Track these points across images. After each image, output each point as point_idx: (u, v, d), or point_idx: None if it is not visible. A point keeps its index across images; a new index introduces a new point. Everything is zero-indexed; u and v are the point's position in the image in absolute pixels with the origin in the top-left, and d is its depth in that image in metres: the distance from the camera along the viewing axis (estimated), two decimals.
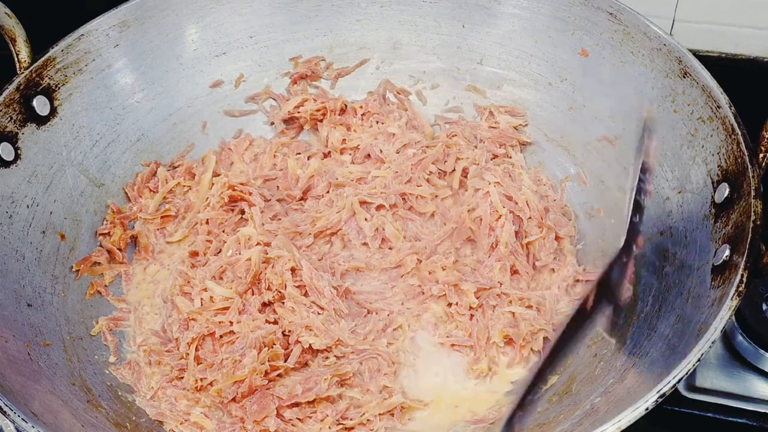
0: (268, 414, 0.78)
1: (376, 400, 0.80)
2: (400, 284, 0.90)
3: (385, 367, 0.82)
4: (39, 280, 0.85)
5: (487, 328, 0.85)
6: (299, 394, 0.78)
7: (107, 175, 0.96)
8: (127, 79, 0.98)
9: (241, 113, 1.06)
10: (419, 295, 0.89)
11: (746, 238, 0.67)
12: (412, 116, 1.03)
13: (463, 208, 0.93)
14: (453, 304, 0.87)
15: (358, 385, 0.82)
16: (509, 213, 0.91)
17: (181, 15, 1.01)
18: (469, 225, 0.91)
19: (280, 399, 0.79)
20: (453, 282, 0.87)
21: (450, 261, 0.89)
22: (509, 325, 0.85)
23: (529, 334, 0.84)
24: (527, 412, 0.62)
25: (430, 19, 1.04)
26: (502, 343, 0.85)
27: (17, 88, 0.86)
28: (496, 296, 0.87)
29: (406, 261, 0.90)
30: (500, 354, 0.85)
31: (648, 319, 0.78)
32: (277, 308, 0.84)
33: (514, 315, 0.86)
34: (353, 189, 0.95)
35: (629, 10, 0.90)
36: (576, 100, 0.97)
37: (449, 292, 0.87)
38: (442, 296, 0.88)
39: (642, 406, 0.59)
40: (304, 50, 1.07)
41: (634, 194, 0.70)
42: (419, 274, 0.89)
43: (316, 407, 0.80)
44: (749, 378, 0.86)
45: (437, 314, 0.88)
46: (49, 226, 0.88)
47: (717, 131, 0.78)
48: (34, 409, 0.67)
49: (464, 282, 0.87)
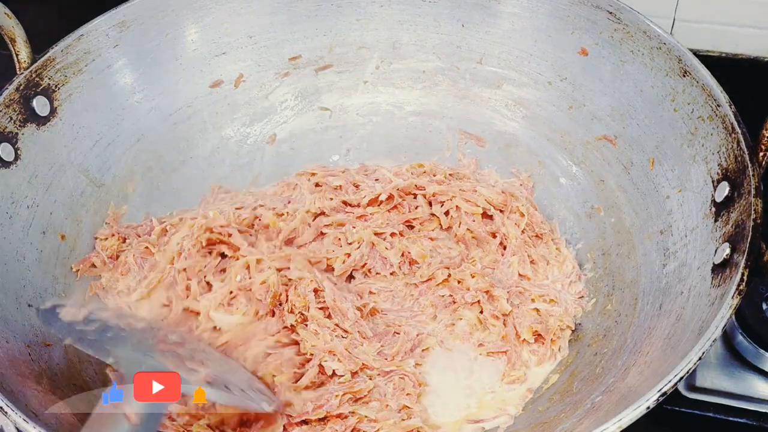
0: (274, 429, 0.76)
1: (393, 418, 0.78)
2: (430, 296, 0.89)
3: (410, 387, 0.80)
4: (39, 281, 0.85)
5: (515, 327, 0.85)
6: (309, 411, 0.77)
7: (107, 175, 0.96)
8: (127, 80, 0.98)
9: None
10: (451, 305, 0.88)
11: (746, 237, 0.67)
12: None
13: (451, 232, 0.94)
14: (485, 311, 0.86)
15: (377, 400, 0.80)
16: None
17: (181, 15, 1.01)
18: (469, 239, 0.93)
19: (290, 417, 0.77)
20: (484, 288, 0.87)
21: (478, 268, 0.89)
22: (536, 321, 0.85)
23: (558, 330, 0.84)
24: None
25: (430, 18, 1.04)
26: (532, 339, 0.84)
27: (17, 89, 0.86)
28: (518, 294, 0.87)
29: (437, 275, 0.89)
30: (531, 354, 0.84)
31: (648, 318, 0.78)
32: (300, 330, 0.82)
33: (538, 311, 0.86)
34: (361, 223, 0.94)
35: (629, 9, 0.90)
36: (576, 100, 0.97)
37: (482, 299, 0.86)
38: (475, 303, 0.87)
39: (643, 405, 0.59)
40: (304, 50, 1.07)
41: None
42: (449, 285, 0.89)
43: (326, 425, 0.78)
44: (749, 378, 0.86)
45: (471, 322, 0.87)
46: (50, 226, 0.88)
47: (717, 130, 0.78)
48: (34, 409, 0.67)
49: (495, 288, 0.87)
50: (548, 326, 0.85)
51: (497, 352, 0.85)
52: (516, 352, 0.84)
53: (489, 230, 0.94)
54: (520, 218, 0.94)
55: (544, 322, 0.85)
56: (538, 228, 0.94)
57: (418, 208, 0.96)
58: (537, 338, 0.85)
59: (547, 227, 0.95)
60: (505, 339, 0.85)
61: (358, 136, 1.09)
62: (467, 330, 0.87)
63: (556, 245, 0.94)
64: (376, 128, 1.09)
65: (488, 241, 0.93)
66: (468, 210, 0.94)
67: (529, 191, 0.99)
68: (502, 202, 0.95)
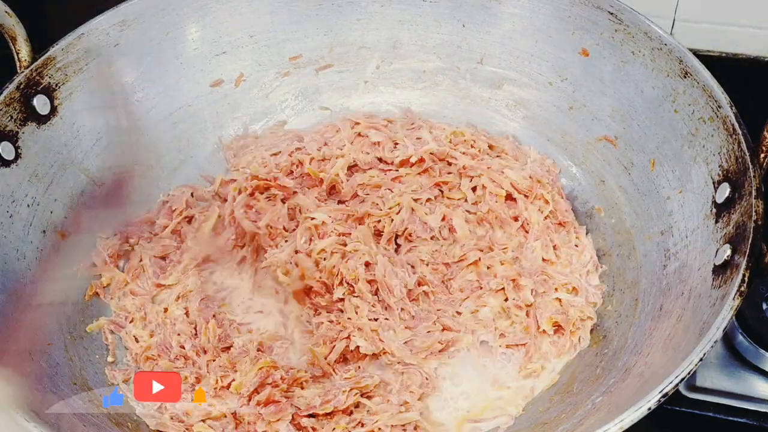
0: (283, 417, 0.76)
1: (391, 410, 0.78)
2: (458, 280, 0.88)
3: (416, 386, 0.80)
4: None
5: (536, 318, 0.84)
6: (317, 405, 0.77)
7: (108, 175, 0.96)
8: (128, 78, 0.98)
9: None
10: (477, 290, 0.87)
11: (747, 238, 0.67)
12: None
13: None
14: (509, 299, 0.86)
15: (380, 395, 0.80)
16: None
17: (181, 14, 1.00)
18: (492, 219, 0.93)
19: (298, 408, 0.77)
20: (512, 277, 0.86)
21: (509, 256, 0.89)
22: (557, 312, 0.84)
23: (578, 321, 0.84)
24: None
25: (431, 18, 1.04)
26: (552, 331, 0.83)
27: (18, 87, 0.86)
28: (542, 282, 0.87)
29: (470, 255, 0.89)
30: (551, 346, 0.83)
31: (649, 319, 0.78)
32: (345, 303, 0.84)
33: (560, 302, 0.85)
34: (397, 186, 0.95)
35: (630, 10, 0.90)
36: (576, 100, 0.98)
37: (507, 287, 0.86)
38: (500, 290, 0.87)
39: (644, 405, 0.59)
40: (305, 49, 1.07)
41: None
42: (477, 270, 0.88)
43: (332, 418, 0.78)
44: (750, 378, 0.86)
45: (495, 309, 0.86)
46: (50, 225, 0.88)
47: (718, 131, 0.78)
48: (34, 409, 0.67)
49: (523, 277, 0.86)
50: (569, 317, 0.83)
51: (517, 345, 0.84)
52: (535, 344, 0.83)
53: (511, 214, 0.93)
54: (544, 205, 0.93)
55: (565, 313, 0.84)
56: (561, 216, 0.93)
57: (450, 174, 0.96)
58: (557, 329, 0.84)
59: (571, 216, 0.94)
60: (527, 330, 0.84)
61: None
62: (490, 317, 0.86)
63: (576, 234, 0.92)
64: None
65: (510, 224, 0.92)
66: (492, 190, 0.94)
67: (555, 177, 0.97)
68: (527, 188, 0.94)
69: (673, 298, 0.75)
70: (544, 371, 0.82)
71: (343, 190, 0.96)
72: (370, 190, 0.96)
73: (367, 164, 0.98)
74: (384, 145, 1.00)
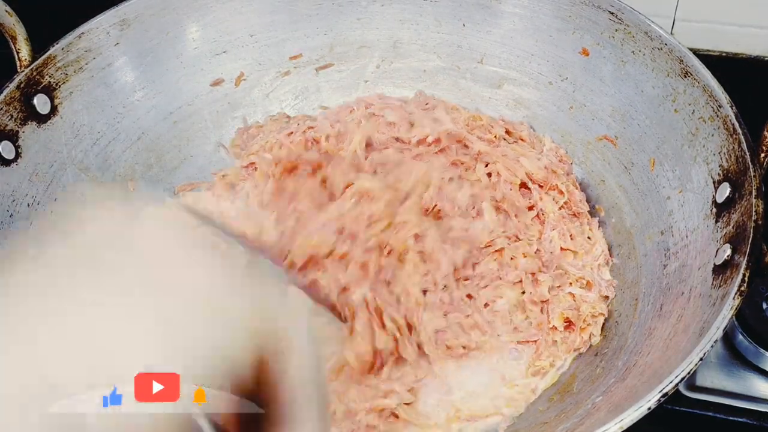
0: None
1: (372, 393, 0.76)
2: (481, 266, 0.87)
3: (410, 379, 0.78)
4: None
5: (548, 314, 0.83)
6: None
7: (108, 174, 0.96)
8: (128, 78, 0.98)
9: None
10: (496, 279, 0.86)
11: (748, 238, 0.67)
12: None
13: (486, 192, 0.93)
14: (526, 293, 0.84)
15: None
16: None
17: (182, 13, 1.00)
18: (507, 207, 0.91)
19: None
20: (532, 270, 0.85)
21: (532, 249, 0.87)
22: (569, 307, 0.83)
23: (590, 317, 0.83)
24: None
25: (431, 18, 1.04)
26: (562, 327, 0.82)
27: (18, 87, 0.86)
28: (559, 276, 0.85)
29: (497, 242, 0.88)
30: (561, 342, 0.82)
31: (649, 319, 0.78)
32: (396, 271, 0.81)
33: (573, 297, 0.84)
34: (420, 165, 0.92)
35: (630, 10, 0.90)
36: (577, 100, 0.98)
37: (526, 280, 0.85)
38: (517, 282, 0.85)
39: (644, 405, 0.59)
40: (305, 49, 1.07)
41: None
42: (500, 259, 0.87)
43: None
44: (750, 377, 0.86)
45: (512, 302, 0.85)
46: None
47: (718, 131, 0.78)
48: None
49: (542, 273, 0.85)
50: (580, 313, 0.82)
51: (529, 341, 0.82)
52: (546, 341, 0.82)
53: (526, 203, 0.92)
54: (559, 195, 0.92)
55: (577, 308, 0.83)
56: (575, 207, 0.92)
57: (467, 156, 0.96)
58: (567, 325, 0.83)
59: (586, 207, 0.93)
60: (540, 326, 0.83)
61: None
62: (506, 309, 0.84)
63: (589, 226, 0.92)
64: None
65: (525, 213, 0.91)
66: (507, 178, 0.93)
67: (569, 167, 0.97)
68: (542, 178, 0.93)
69: (673, 297, 0.75)
70: (552, 369, 0.81)
71: (365, 168, 0.92)
72: (391, 168, 0.92)
73: (382, 144, 0.96)
74: (399, 125, 0.98)
